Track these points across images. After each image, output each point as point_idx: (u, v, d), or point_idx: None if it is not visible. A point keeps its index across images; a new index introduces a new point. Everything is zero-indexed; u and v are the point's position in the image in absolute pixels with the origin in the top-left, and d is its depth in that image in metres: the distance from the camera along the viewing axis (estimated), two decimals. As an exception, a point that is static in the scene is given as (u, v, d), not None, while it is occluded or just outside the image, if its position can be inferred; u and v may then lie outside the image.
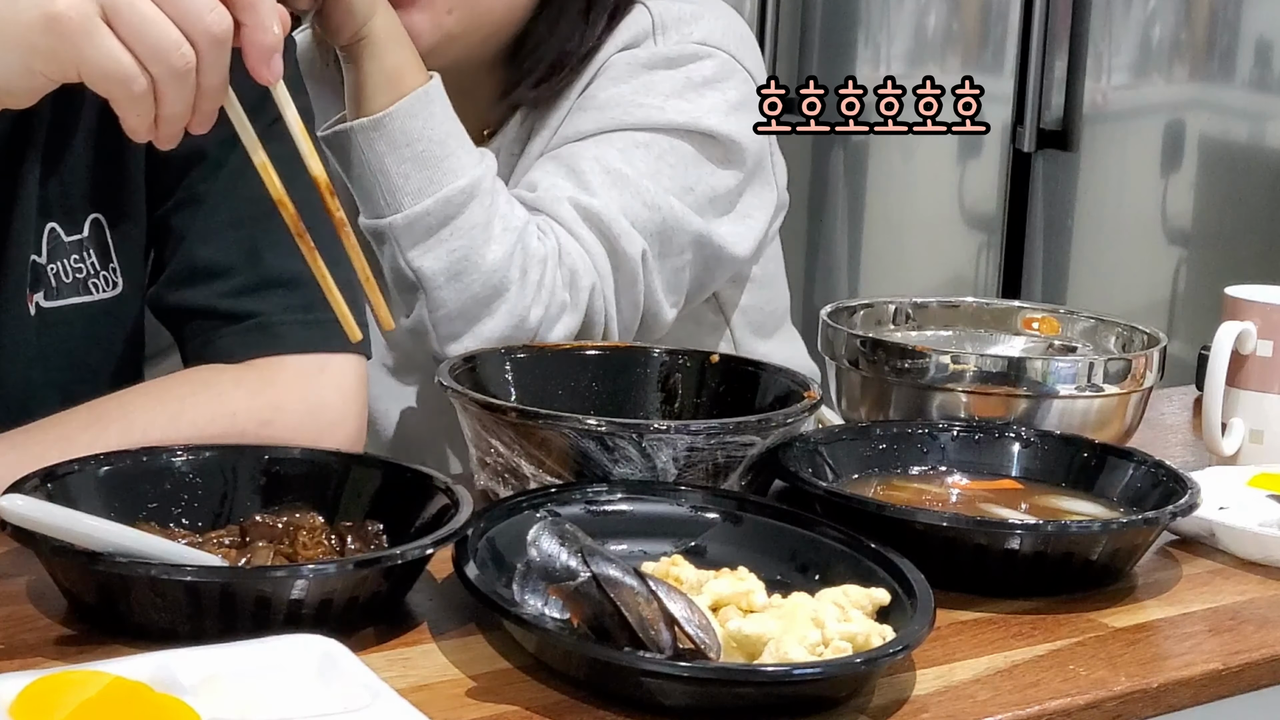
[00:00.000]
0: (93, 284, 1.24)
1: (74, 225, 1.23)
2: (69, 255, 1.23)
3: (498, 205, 1.38)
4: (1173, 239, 2.95)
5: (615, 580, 0.90)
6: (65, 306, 1.23)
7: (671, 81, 1.48)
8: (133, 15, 0.93)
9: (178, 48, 0.93)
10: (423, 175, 1.36)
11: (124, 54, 0.93)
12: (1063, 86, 3.00)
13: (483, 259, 1.36)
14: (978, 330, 1.46)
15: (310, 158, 1.00)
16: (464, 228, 1.36)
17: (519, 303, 1.37)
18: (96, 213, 1.24)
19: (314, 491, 1.07)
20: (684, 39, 1.50)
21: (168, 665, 0.82)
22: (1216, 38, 2.87)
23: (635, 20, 1.51)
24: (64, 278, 1.23)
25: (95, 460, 1.05)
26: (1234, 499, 1.23)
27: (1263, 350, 1.36)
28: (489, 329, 1.37)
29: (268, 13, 0.96)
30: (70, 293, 1.23)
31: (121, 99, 0.95)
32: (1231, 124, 2.87)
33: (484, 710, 0.89)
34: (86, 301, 1.24)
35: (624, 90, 1.47)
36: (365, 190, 1.38)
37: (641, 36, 1.50)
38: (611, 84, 1.48)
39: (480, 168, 1.38)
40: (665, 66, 1.49)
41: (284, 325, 1.22)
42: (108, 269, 1.25)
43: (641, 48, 1.50)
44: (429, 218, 1.36)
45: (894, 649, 0.90)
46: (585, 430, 1.12)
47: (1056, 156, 3.04)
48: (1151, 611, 1.08)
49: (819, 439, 1.22)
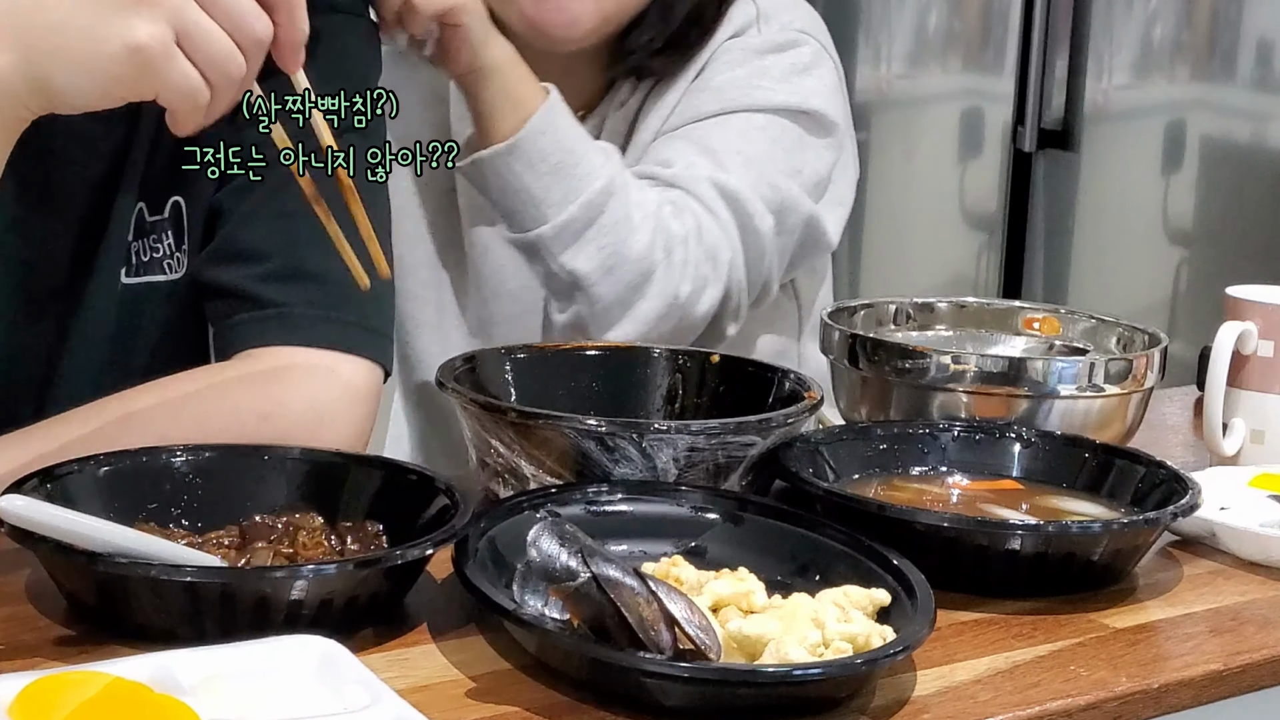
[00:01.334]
0: (166, 264, 1.28)
1: (158, 206, 1.27)
2: (150, 235, 1.27)
3: (630, 195, 1.44)
4: (1173, 239, 2.95)
5: (615, 581, 0.90)
6: (141, 284, 1.28)
7: (780, 66, 1.56)
8: (199, 34, 0.97)
9: (234, 59, 0.99)
10: (563, 186, 1.43)
11: (195, 74, 0.98)
12: (1063, 86, 3.00)
13: (630, 249, 1.42)
14: (978, 330, 1.46)
15: (323, 131, 1.05)
16: (608, 224, 1.43)
17: (667, 282, 1.44)
18: (178, 195, 1.28)
19: (314, 491, 1.07)
20: (785, 26, 1.59)
21: (168, 665, 0.82)
22: (1217, 38, 2.87)
23: (741, 10, 1.58)
24: (143, 256, 1.27)
25: (95, 460, 1.05)
26: (1235, 499, 1.23)
27: (1264, 350, 1.36)
28: (644, 311, 1.44)
29: (300, 14, 1.02)
30: (146, 271, 1.28)
31: (187, 110, 0.99)
32: (1232, 124, 2.87)
33: (484, 710, 0.89)
34: (160, 280, 1.29)
35: (739, 74, 1.55)
36: (509, 209, 1.45)
37: (747, 24, 1.58)
38: (727, 68, 1.55)
39: (610, 165, 1.45)
40: (774, 51, 1.57)
41: (304, 318, 1.23)
42: (180, 250, 1.29)
43: (747, 35, 1.57)
44: (575, 223, 1.43)
45: (894, 649, 0.90)
46: (585, 430, 1.12)
47: (1057, 156, 3.04)
48: (1152, 612, 1.08)
49: (819, 439, 1.22)
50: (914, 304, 1.46)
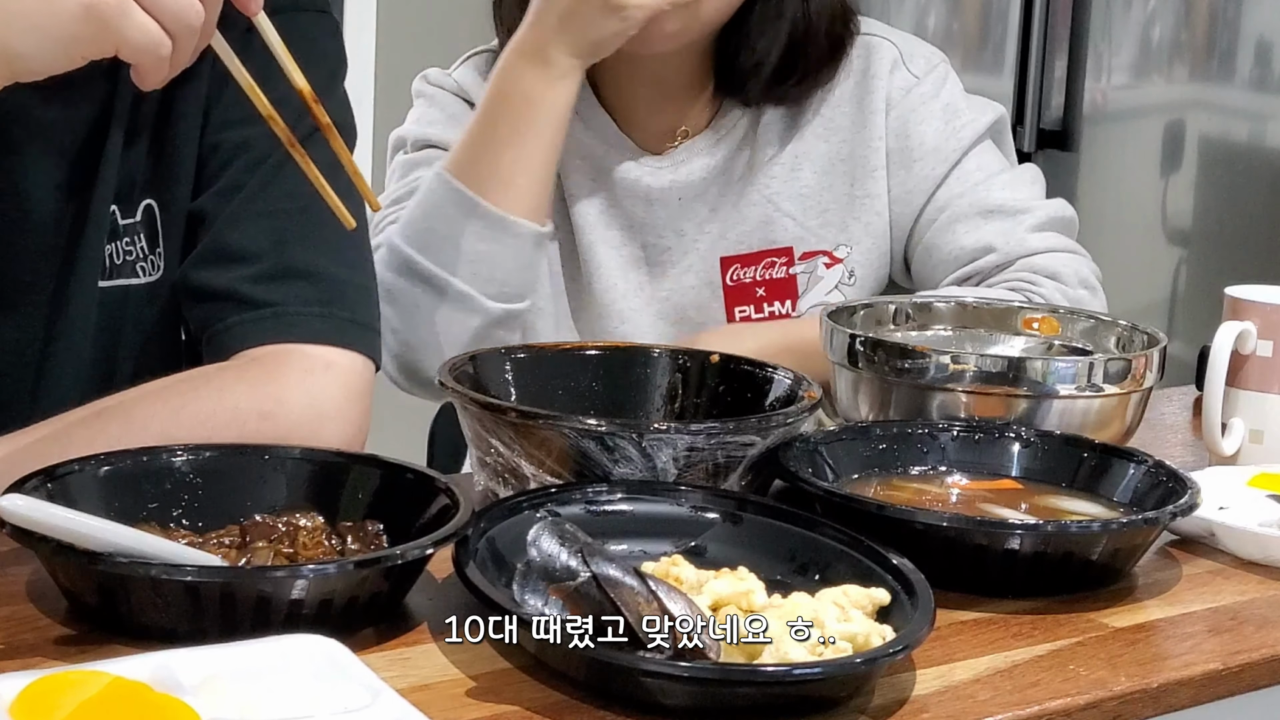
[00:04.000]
0: (140, 267, 1.28)
1: (130, 209, 1.27)
2: (123, 238, 1.27)
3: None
4: (1173, 239, 2.95)
5: (615, 580, 0.90)
6: (115, 287, 1.28)
7: (953, 93, 1.66)
8: None
9: (192, 6, 0.99)
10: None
11: (154, 25, 0.98)
12: (1063, 87, 3.00)
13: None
14: (978, 330, 1.46)
15: (293, 72, 1.06)
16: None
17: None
18: (150, 198, 1.28)
19: (314, 491, 1.07)
20: (929, 56, 1.67)
21: (168, 665, 0.82)
22: (1216, 38, 2.86)
23: (883, 52, 1.65)
24: (116, 259, 1.27)
25: (95, 460, 1.05)
26: (1234, 499, 1.23)
27: (1263, 350, 1.36)
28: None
29: None
30: (119, 274, 1.27)
31: (150, 63, 1.00)
32: (1231, 124, 2.87)
33: (484, 710, 0.89)
34: (133, 284, 1.28)
35: (937, 124, 1.63)
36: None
37: (894, 64, 1.64)
38: (920, 122, 1.63)
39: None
40: (942, 82, 1.65)
41: (299, 316, 1.23)
42: (154, 253, 1.29)
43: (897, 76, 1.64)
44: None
45: (894, 649, 0.90)
46: (585, 430, 1.12)
47: (1056, 156, 3.03)
48: (1151, 611, 1.08)
49: (819, 439, 1.22)
50: (913, 304, 1.46)
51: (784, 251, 1.65)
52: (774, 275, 1.65)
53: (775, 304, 1.65)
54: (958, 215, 1.62)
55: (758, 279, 1.65)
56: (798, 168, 1.64)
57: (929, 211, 1.64)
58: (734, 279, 1.65)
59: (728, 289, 1.65)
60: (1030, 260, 1.59)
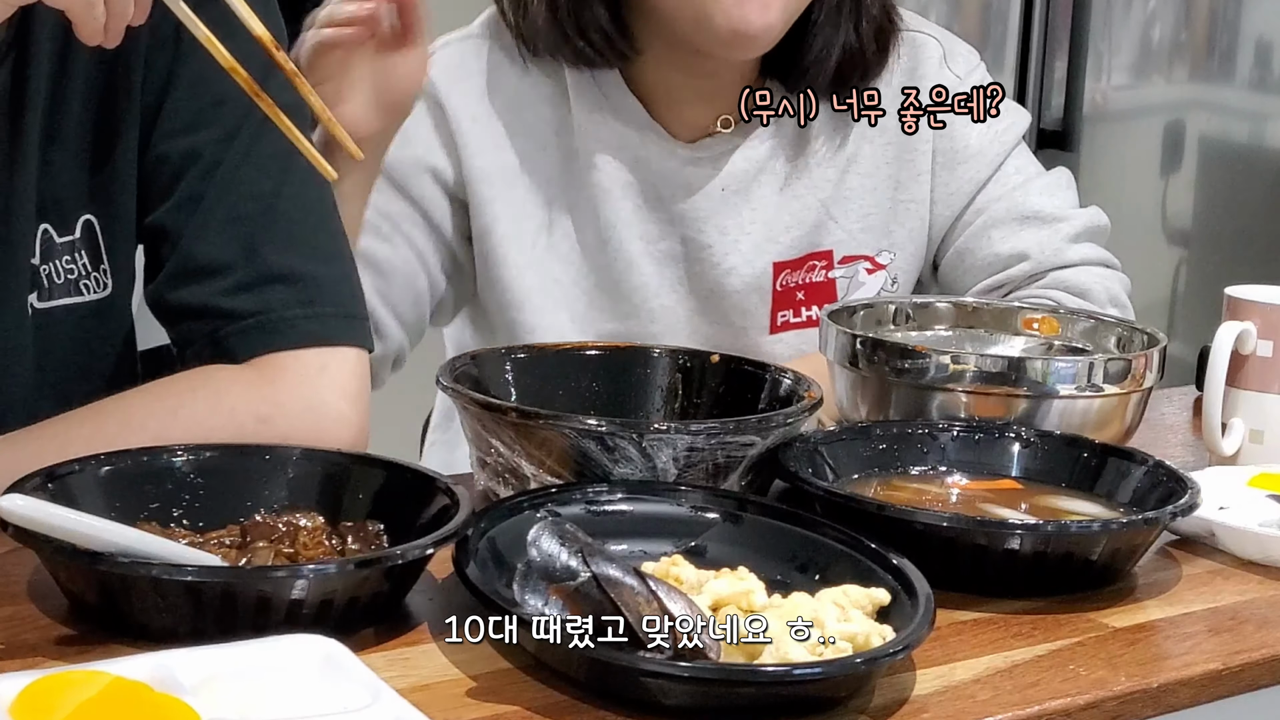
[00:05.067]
0: (84, 285, 1.24)
1: (66, 226, 1.22)
2: (61, 256, 1.23)
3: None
4: (1173, 239, 2.95)
5: (615, 580, 0.90)
6: (57, 307, 1.23)
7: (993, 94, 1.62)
8: None
9: None
10: None
11: None
12: (1063, 86, 3.00)
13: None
14: (978, 330, 1.46)
15: (250, 20, 1.04)
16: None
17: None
18: (88, 214, 1.23)
19: (314, 491, 1.07)
20: (967, 55, 1.68)
21: (168, 665, 0.82)
22: (1216, 38, 2.87)
23: (928, 50, 1.65)
24: (56, 279, 1.23)
25: (96, 460, 1.05)
26: (1234, 499, 1.23)
27: (1263, 350, 1.36)
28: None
29: None
30: (62, 293, 1.23)
31: (81, 11, 0.97)
32: (1231, 124, 2.87)
33: (484, 710, 0.89)
34: (77, 302, 1.24)
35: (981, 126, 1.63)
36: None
37: (938, 64, 1.64)
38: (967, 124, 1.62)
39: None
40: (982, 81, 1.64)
41: (285, 321, 1.21)
42: (99, 270, 1.25)
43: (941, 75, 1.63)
44: None
45: (894, 649, 0.90)
46: (585, 430, 1.12)
47: (1056, 156, 3.03)
48: (1151, 611, 1.08)
49: (819, 439, 1.22)
50: (913, 304, 1.46)
51: (824, 255, 1.62)
52: (814, 279, 1.62)
53: (814, 308, 1.60)
54: (994, 220, 1.62)
55: (799, 283, 1.62)
56: (846, 169, 1.60)
57: (967, 215, 1.63)
58: (783, 284, 1.61)
59: (776, 294, 1.61)
60: (1061, 275, 1.59)
